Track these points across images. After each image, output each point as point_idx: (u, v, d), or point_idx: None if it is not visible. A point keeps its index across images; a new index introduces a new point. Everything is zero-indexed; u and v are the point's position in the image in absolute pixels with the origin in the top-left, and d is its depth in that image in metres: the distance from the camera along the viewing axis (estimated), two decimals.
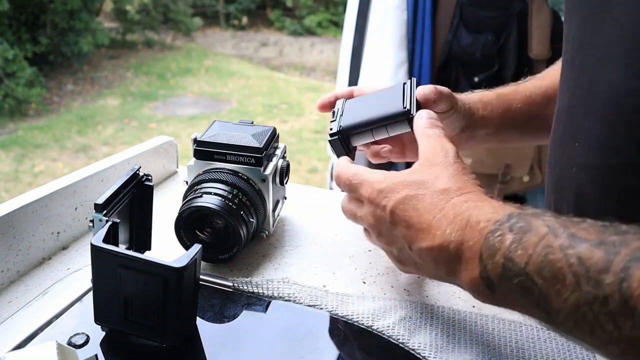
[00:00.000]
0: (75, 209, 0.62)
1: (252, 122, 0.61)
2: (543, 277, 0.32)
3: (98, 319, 0.45)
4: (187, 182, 0.59)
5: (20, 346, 0.44)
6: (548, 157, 0.57)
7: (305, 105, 5.47)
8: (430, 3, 1.95)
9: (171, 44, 7.85)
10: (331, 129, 0.55)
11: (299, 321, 0.49)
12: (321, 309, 0.50)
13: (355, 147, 0.57)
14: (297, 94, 5.88)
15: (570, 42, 0.52)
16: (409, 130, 0.52)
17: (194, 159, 0.59)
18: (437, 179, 0.42)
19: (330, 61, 7.19)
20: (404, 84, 0.56)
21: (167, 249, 0.60)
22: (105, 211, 0.44)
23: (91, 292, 0.51)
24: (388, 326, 0.47)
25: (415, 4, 1.94)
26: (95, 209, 0.44)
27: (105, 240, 0.42)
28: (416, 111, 0.52)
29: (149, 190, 0.52)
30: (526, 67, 0.73)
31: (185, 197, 0.56)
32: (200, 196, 0.54)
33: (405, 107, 0.52)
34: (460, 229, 0.38)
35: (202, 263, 0.56)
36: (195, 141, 0.58)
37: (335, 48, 6.94)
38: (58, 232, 0.59)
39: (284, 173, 0.60)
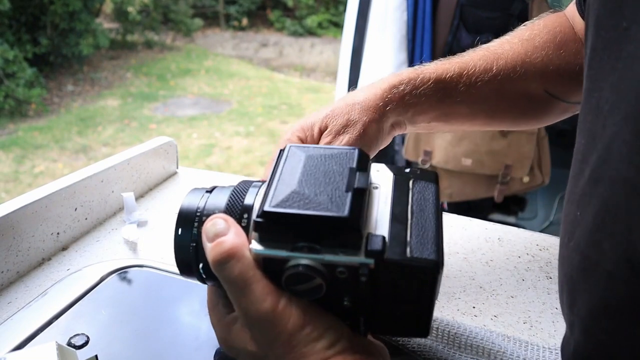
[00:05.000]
0: (75, 209, 0.62)
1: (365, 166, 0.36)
2: None
3: None
4: None
5: (20, 347, 0.44)
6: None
7: (305, 106, 5.48)
8: (430, 4, 1.95)
9: (171, 45, 7.86)
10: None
11: None
12: None
13: None
14: (297, 94, 5.88)
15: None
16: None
17: None
18: None
19: (331, 62, 7.19)
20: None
21: (166, 250, 0.60)
22: None
23: (91, 292, 0.51)
24: None
25: (415, 5, 1.94)
26: None
27: None
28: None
29: None
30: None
31: None
32: None
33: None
34: None
35: None
36: None
37: (336, 49, 6.94)
38: (58, 233, 0.59)
39: (293, 280, 0.33)
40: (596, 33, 0.32)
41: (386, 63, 1.98)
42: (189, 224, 0.38)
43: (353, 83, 2.12)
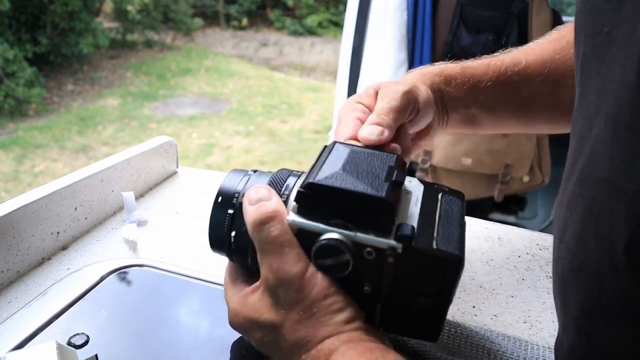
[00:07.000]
0: (75, 209, 0.62)
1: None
2: None
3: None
4: None
5: (20, 346, 0.44)
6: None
7: (305, 105, 5.48)
8: (430, 3, 1.95)
9: (171, 44, 7.85)
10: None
11: None
12: None
13: None
14: (297, 94, 5.88)
15: None
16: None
17: None
18: (284, 327, 0.36)
19: (331, 61, 7.19)
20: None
21: (166, 249, 0.60)
22: None
23: (91, 292, 0.51)
24: None
25: (415, 5, 1.94)
26: None
27: None
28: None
29: None
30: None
31: None
32: None
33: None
34: None
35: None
36: None
37: (336, 48, 6.94)
38: (58, 232, 0.59)
39: (322, 252, 0.35)
40: (585, 40, 0.33)
41: (386, 63, 1.97)
42: (230, 193, 0.40)
43: (353, 82, 2.12)
